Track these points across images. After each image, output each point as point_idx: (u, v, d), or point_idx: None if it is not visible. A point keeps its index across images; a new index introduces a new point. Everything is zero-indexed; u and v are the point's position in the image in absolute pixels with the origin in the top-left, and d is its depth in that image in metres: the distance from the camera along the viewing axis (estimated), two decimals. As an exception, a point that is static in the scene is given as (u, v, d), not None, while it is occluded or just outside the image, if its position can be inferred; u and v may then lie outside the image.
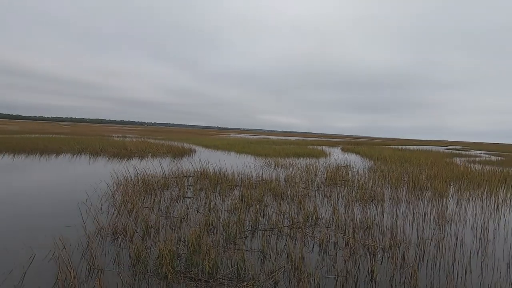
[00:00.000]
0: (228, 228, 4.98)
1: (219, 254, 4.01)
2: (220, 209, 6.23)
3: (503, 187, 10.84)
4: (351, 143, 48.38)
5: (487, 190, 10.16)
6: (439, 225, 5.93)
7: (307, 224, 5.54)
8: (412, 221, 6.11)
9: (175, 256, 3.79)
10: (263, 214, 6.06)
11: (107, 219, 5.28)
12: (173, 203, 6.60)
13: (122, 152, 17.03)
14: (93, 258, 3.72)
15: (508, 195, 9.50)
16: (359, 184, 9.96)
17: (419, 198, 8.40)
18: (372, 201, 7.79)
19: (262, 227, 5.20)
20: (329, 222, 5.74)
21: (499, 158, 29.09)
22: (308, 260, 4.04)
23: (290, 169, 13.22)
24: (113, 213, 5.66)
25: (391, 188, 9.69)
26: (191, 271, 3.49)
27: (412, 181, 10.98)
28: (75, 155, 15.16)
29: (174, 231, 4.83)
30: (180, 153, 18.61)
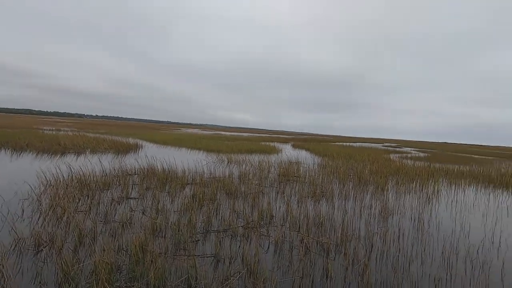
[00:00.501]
0: (178, 231, 4.58)
1: (168, 262, 3.61)
2: (169, 210, 5.74)
3: (431, 181, 12.17)
4: (301, 140, 50.38)
5: (419, 183, 11.29)
6: (383, 218, 6.31)
7: (262, 223, 5.40)
8: (359, 215, 6.40)
9: (114, 268, 3.29)
10: (216, 214, 5.75)
11: (29, 228, 4.44)
12: (114, 205, 5.90)
13: (54, 148, 15.01)
14: (4, 279, 3.02)
15: (436, 188, 10.67)
16: (310, 180, 10.23)
17: (364, 192, 8.92)
18: (323, 196, 8.02)
19: (215, 229, 4.90)
20: (284, 219, 5.69)
21: (426, 154, 33.02)
22: (264, 262, 3.87)
23: (244, 166, 13.07)
24: (37, 220, 4.80)
25: (339, 183, 10.15)
26: (133, 286, 3.05)
27: (357, 176, 11.68)
28: (-8, 151, 12.87)
29: (114, 238, 4.25)
30: (124, 149, 17.15)
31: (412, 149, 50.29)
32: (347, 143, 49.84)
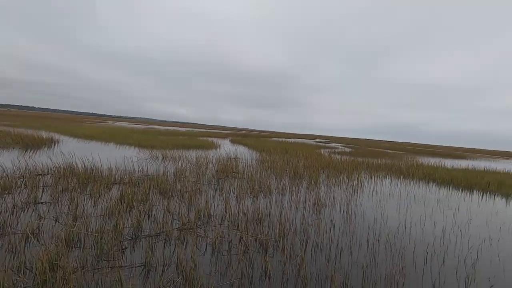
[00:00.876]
0: (101, 239, 4.00)
1: (85, 278, 3.08)
2: (90, 215, 5.00)
3: (355, 173, 13.48)
4: (240, 135, 50.80)
5: (345, 176, 12.38)
6: (316, 210, 6.65)
7: (199, 223, 5.12)
8: (295, 209, 6.62)
9: (10, 294, 2.65)
10: (148, 216, 5.25)
11: None
12: (17, 212, 4.88)
13: None
14: None
15: (360, 180, 11.85)
16: (248, 175, 10.26)
17: (299, 186, 9.34)
18: (261, 192, 8.09)
19: (147, 233, 4.44)
20: (222, 218, 5.51)
21: (351, 149, 36.69)
22: (201, 266, 3.64)
23: (180, 162, 12.43)
24: None
25: (276, 178, 10.43)
26: (37, 313, 2.50)
27: (293, 170, 12.21)
28: None
29: (13, 254, 3.47)
30: (35, 144, 14.64)
31: (339, 144, 55.41)
32: (283, 139, 52.22)
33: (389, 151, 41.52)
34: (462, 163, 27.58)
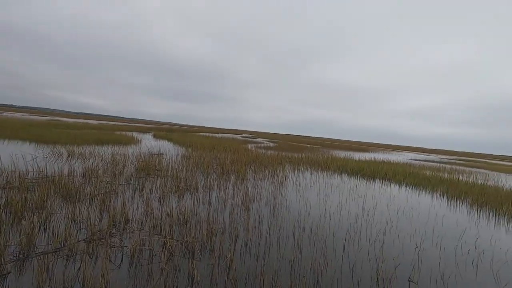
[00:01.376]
0: (-31, 265, 3.04)
1: None
2: (-46, 234, 3.79)
3: (280, 167, 14.12)
4: (163, 130, 47.88)
5: (271, 170, 12.83)
6: (245, 206, 6.61)
7: (114, 230, 4.44)
8: (224, 206, 6.44)
9: None
10: (45, 228, 4.29)
11: None
12: None
13: None
14: None
15: (284, 173, 12.43)
16: (173, 173, 9.61)
17: (227, 182, 9.19)
18: (187, 190, 7.63)
19: (41, 250, 3.59)
20: (142, 223, 4.92)
21: (275, 144, 38.59)
22: (115, 282, 3.10)
23: (91, 160, 10.84)
24: None
25: (203, 175, 10.05)
26: None
27: (221, 166, 12.00)
28: None
29: None
30: None
31: (264, 139, 57.75)
32: (211, 134, 51.50)
33: (307, 145, 45.24)
34: (367, 156, 32.00)
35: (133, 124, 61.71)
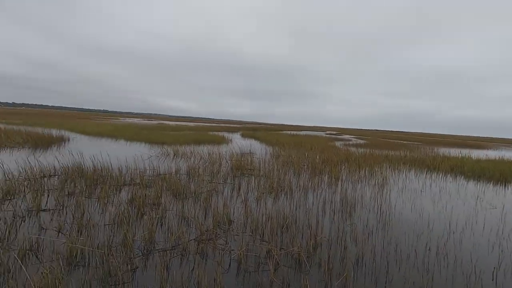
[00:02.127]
0: (108, 256, 3.43)
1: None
2: (97, 225, 4.46)
3: (377, 168, 12.65)
4: (249, 129, 50.14)
5: (367, 171, 11.58)
6: (346, 212, 5.96)
7: (219, 231, 4.51)
8: (323, 211, 5.94)
9: None
10: (161, 224, 4.66)
11: None
12: (17, 222, 4.37)
13: None
14: None
15: (384, 175, 11.03)
16: (265, 172, 9.62)
17: (320, 183, 8.63)
18: (281, 191, 7.44)
19: (161, 246, 3.85)
20: (244, 225, 4.88)
21: (364, 141, 35.57)
22: (226, 287, 3.02)
23: (192, 159, 11.88)
24: None
25: (295, 175, 9.75)
26: None
27: (311, 165, 11.49)
28: None
29: (8, 275, 2.92)
30: (45, 143, 14.35)
31: (351, 136, 54.10)
32: (294, 132, 51.32)
33: (404, 142, 40.12)
34: (484, 154, 26.21)
35: (222, 125, 66.84)
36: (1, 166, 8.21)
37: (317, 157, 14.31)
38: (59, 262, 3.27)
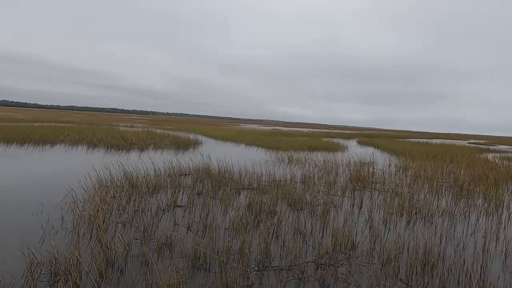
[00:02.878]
0: (226, 265, 3.40)
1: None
2: (218, 227, 4.64)
3: None
4: (366, 136, 46.01)
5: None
6: (526, 258, 4.17)
7: (340, 256, 3.88)
8: (483, 250, 4.36)
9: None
10: (277, 236, 4.43)
11: (60, 244, 3.76)
12: (159, 215, 5.07)
13: (121, 144, 15.68)
14: None
15: None
16: (391, 187, 8.20)
17: (471, 209, 6.59)
18: (415, 213, 6.05)
19: (276, 264, 3.57)
20: (370, 252, 4.07)
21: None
22: None
23: (306, 166, 11.53)
24: (71, 234, 4.15)
25: (431, 193, 7.89)
26: None
27: (455, 183, 9.12)
28: (70, 146, 13.88)
29: (146, 268, 3.27)
30: (185, 145, 17.16)
31: (508, 146, 41.50)
32: (422, 140, 43.63)
33: None
34: None
35: (337, 131, 64.12)
36: (153, 164, 10.14)
37: (461, 172, 11.33)
38: (185, 262, 3.45)
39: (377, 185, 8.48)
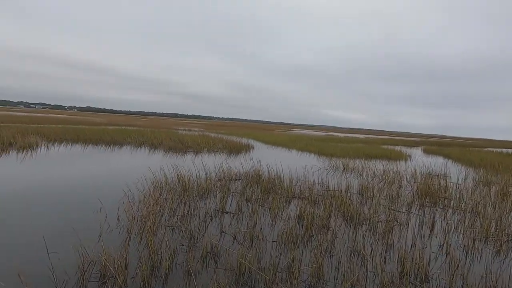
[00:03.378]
0: (272, 284, 3.06)
1: None
2: (266, 239, 4.34)
3: None
4: (433, 144, 41.22)
5: None
6: None
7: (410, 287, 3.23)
8: None
9: None
10: (330, 256, 3.94)
11: (113, 244, 3.87)
12: (206, 220, 4.98)
13: (178, 146, 16.56)
14: None
15: None
16: (469, 206, 6.92)
17: None
18: (507, 240, 4.91)
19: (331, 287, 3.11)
20: (450, 287, 3.32)
21: None
22: None
23: (364, 175, 10.56)
24: (124, 234, 4.26)
25: (527, 217, 6.42)
26: None
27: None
28: (135, 148, 15.14)
29: (188, 280, 3.12)
30: (236, 149, 17.37)
31: None
32: (504, 149, 37.27)
33: None
34: None
35: (397, 138, 58.86)
36: (204, 167, 10.35)
37: None
38: (229, 276, 3.21)
39: (452, 202, 7.25)
